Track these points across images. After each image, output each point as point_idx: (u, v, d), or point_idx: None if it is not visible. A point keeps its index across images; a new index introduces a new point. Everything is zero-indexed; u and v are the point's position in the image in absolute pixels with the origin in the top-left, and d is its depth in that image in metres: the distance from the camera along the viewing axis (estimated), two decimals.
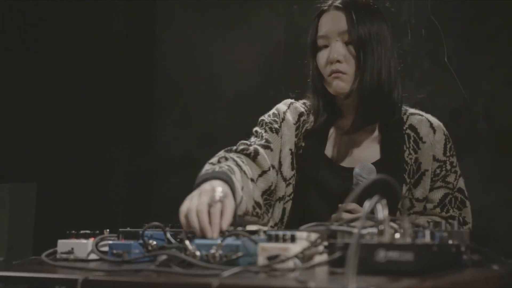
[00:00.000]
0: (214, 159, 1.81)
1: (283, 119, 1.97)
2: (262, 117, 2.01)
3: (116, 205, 3.72)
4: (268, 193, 1.92)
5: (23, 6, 3.78)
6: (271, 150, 1.93)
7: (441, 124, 1.99)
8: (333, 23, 1.89)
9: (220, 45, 3.60)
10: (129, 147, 3.82)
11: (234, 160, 1.79)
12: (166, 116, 3.75)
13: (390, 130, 1.94)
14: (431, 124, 1.96)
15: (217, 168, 1.68)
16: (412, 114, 1.98)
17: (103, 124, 3.82)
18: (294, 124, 1.97)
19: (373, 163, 1.88)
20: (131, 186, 3.79)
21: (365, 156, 1.92)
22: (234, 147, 1.91)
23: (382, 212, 1.21)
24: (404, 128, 1.95)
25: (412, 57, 3.08)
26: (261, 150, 1.90)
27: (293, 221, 1.92)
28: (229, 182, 1.58)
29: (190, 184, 1.64)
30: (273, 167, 1.92)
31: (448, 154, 1.94)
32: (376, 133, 1.96)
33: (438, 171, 1.93)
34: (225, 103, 3.58)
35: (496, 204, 2.89)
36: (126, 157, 3.81)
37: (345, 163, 1.94)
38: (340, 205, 1.81)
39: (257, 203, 1.86)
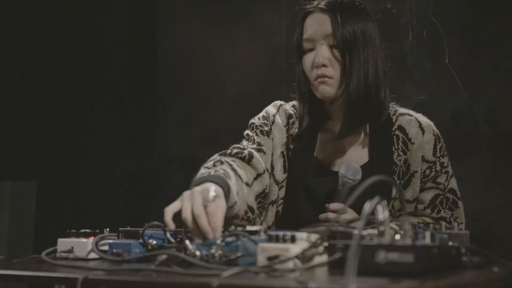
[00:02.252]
0: (209, 163, 1.80)
1: (273, 122, 1.96)
2: (252, 120, 2.00)
3: (116, 204, 3.72)
4: (262, 196, 1.91)
5: (25, 5, 3.79)
6: (264, 153, 1.92)
7: (431, 124, 1.95)
8: (318, 25, 1.85)
9: (222, 45, 3.60)
10: (130, 146, 3.82)
11: (229, 164, 1.78)
12: (167, 115, 3.75)
13: (379, 131, 1.91)
14: (420, 125, 1.93)
15: (212, 172, 1.65)
16: (401, 114, 1.95)
17: (104, 123, 3.82)
18: (284, 126, 1.96)
19: (362, 166, 1.86)
20: (132, 185, 3.79)
21: (354, 158, 1.90)
22: (228, 151, 1.89)
23: (382, 213, 1.20)
24: (393, 129, 1.92)
25: (413, 58, 3.08)
26: (255, 153, 1.89)
27: (284, 224, 1.91)
28: (223, 185, 1.56)
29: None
30: (267, 170, 1.91)
31: (438, 154, 1.91)
32: (365, 135, 1.94)
33: (427, 172, 1.90)
34: (226, 103, 3.58)
35: (498, 206, 2.89)
36: (127, 156, 3.81)
37: (334, 166, 1.93)
38: (327, 204, 1.82)
39: (250, 208, 1.84)
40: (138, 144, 3.82)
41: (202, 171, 1.73)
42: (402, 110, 1.98)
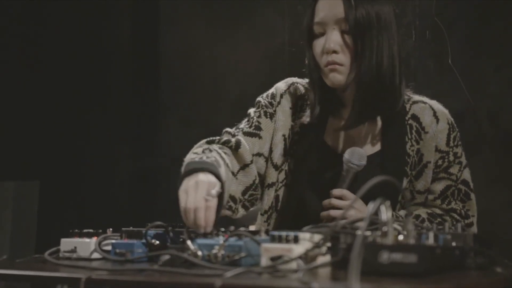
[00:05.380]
0: (198, 149, 1.76)
1: (279, 103, 1.89)
2: (259, 98, 1.93)
3: (119, 204, 3.72)
4: (253, 187, 1.86)
5: (26, 5, 3.79)
6: (260, 137, 1.87)
7: (446, 112, 1.89)
8: (330, 9, 1.76)
9: (224, 45, 3.60)
10: (133, 147, 3.83)
11: (218, 153, 1.74)
12: (170, 116, 3.75)
13: (392, 120, 1.85)
14: (434, 113, 1.87)
15: (204, 157, 1.64)
16: (415, 102, 1.88)
17: (107, 123, 3.82)
18: (290, 108, 1.90)
19: (373, 154, 1.83)
20: (135, 186, 3.79)
21: (365, 147, 1.84)
22: (217, 138, 1.85)
23: (385, 213, 1.20)
24: (407, 118, 1.86)
25: (416, 58, 3.07)
26: (243, 141, 1.83)
27: (288, 209, 1.87)
28: (219, 177, 1.57)
29: None
30: (260, 155, 1.86)
31: (451, 144, 1.85)
32: (378, 123, 1.87)
33: (440, 162, 1.85)
34: (228, 103, 3.58)
35: (500, 206, 2.88)
36: (130, 157, 3.81)
37: (343, 152, 1.83)
38: (331, 190, 1.77)
39: (231, 197, 1.80)
40: (140, 145, 3.82)
41: (192, 156, 1.71)
42: (416, 97, 1.91)
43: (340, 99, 1.87)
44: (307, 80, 1.93)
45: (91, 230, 1.52)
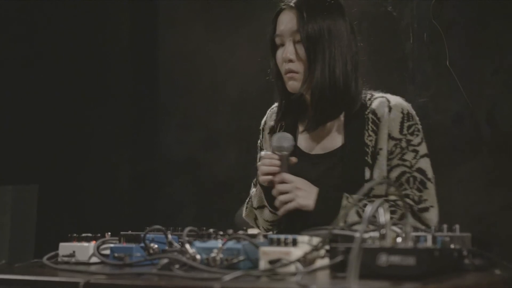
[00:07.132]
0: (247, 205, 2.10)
1: (263, 137, 2.13)
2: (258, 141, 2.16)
3: (118, 208, 3.72)
4: None
5: (27, 8, 3.79)
6: None
7: (403, 103, 1.97)
8: (286, 22, 1.96)
9: (223, 48, 3.60)
10: (132, 150, 3.83)
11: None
12: (169, 119, 3.75)
13: (354, 116, 1.97)
14: (389, 103, 1.96)
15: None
16: (375, 98, 1.99)
17: (106, 127, 3.82)
18: (269, 133, 2.09)
19: (336, 149, 1.95)
20: (134, 189, 3.79)
21: (331, 144, 1.97)
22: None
23: (384, 216, 1.20)
24: (366, 112, 1.96)
25: (414, 61, 3.08)
26: None
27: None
28: None
29: (193, 187, 1.64)
30: None
31: (405, 132, 1.93)
32: (342, 120, 2.00)
33: (393, 149, 1.92)
34: (228, 106, 3.58)
35: (499, 209, 2.89)
36: (129, 160, 3.81)
37: (314, 151, 2.00)
38: (272, 178, 1.90)
39: None
40: (139, 148, 3.82)
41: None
42: (377, 94, 2.01)
43: (304, 103, 2.02)
44: None
45: (89, 234, 1.52)
